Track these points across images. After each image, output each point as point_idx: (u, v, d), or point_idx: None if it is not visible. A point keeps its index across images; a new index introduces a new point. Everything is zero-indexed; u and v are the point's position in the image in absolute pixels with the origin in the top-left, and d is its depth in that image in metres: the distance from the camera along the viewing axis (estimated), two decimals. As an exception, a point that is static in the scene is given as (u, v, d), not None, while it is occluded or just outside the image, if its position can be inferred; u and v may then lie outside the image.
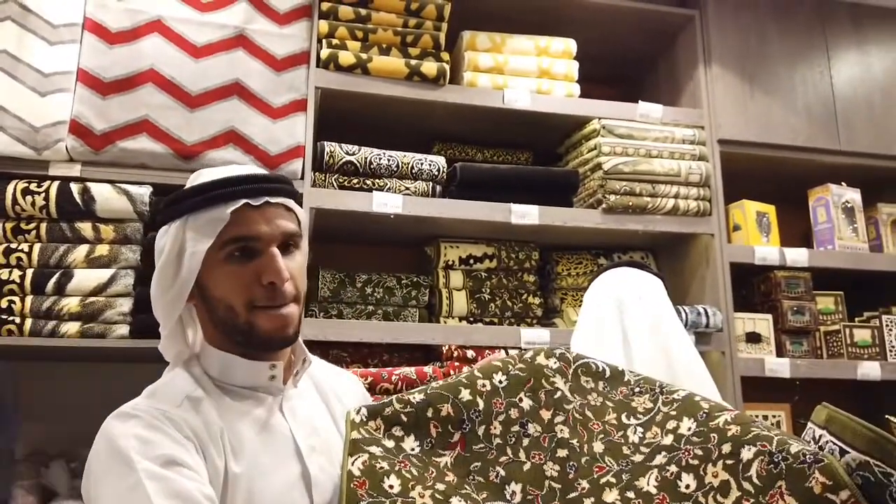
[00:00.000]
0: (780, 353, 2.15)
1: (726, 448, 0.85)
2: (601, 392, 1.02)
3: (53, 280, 1.62)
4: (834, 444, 0.78)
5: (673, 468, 0.88)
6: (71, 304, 1.62)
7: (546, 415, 0.97)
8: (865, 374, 2.13)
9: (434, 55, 1.98)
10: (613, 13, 2.22)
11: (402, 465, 0.89)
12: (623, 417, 0.98)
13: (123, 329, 1.63)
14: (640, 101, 2.15)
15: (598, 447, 0.95)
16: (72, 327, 1.61)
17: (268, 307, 0.95)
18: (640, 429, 0.96)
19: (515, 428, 0.96)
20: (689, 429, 0.91)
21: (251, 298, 0.94)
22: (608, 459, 0.93)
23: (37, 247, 1.65)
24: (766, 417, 2.19)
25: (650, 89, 2.51)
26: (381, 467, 0.88)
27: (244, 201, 0.94)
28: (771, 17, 2.32)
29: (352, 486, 0.85)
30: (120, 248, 1.67)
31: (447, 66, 1.97)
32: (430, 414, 0.95)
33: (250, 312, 0.94)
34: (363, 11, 1.95)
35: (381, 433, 0.94)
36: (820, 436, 0.80)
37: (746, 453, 0.83)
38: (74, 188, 1.66)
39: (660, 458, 0.90)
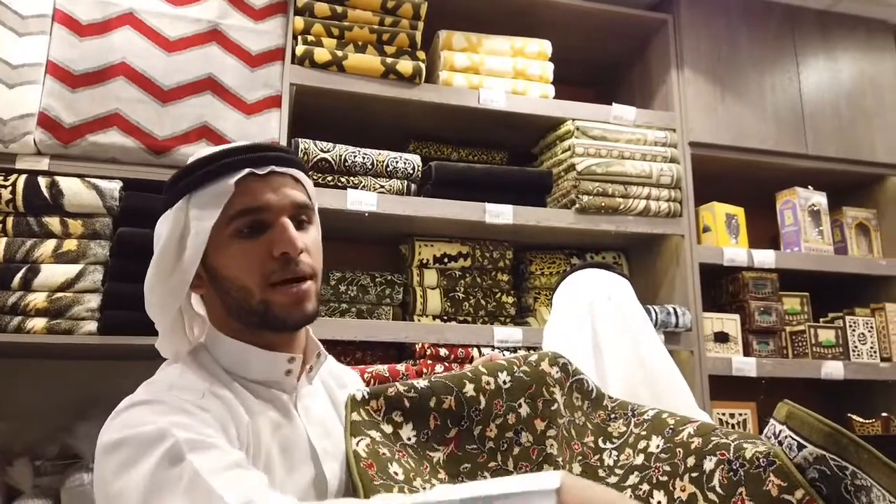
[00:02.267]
0: (747, 352, 2.20)
1: (691, 461, 0.86)
2: (585, 412, 1.02)
3: (20, 275, 1.59)
4: (793, 438, 0.80)
5: (645, 487, 0.89)
6: (37, 299, 1.59)
7: (540, 425, 0.96)
8: (829, 373, 2.18)
9: (410, 54, 1.99)
10: (588, 16, 2.25)
11: (400, 454, 0.87)
12: (600, 441, 0.98)
13: (91, 325, 1.61)
14: (613, 104, 2.18)
15: (576, 468, 0.95)
16: (38, 323, 1.58)
17: (284, 283, 0.87)
18: (614, 452, 0.96)
19: (509, 434, 0.94)
20: (658, 446, 0.92)
21: (265, 274, 0.87)
22: None
23: (2, 241, 1.61)
24: (732, 415, 2.23)
25: (624, 92, 2.54)
26: (384, 453, 0.85)
27: (248, 170, 0.88)
28: (742, 23, 2.36)
29: (362, 465, 0.82)
30: (88, 244, 1.64)
31: (423, 65, 1.98)
32: (432, 404, 0.92)
33: (265, 291, 0.87)
34: (339, 9, 1.95)
35: (380, 416, 0.90)
36: (780, 431, 0.82)
37: (708, 464, 0.84)
38: (42, 182, 1.63)
39: (633, 479, 0.91)
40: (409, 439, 0.91)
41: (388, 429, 0.90)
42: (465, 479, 0.90)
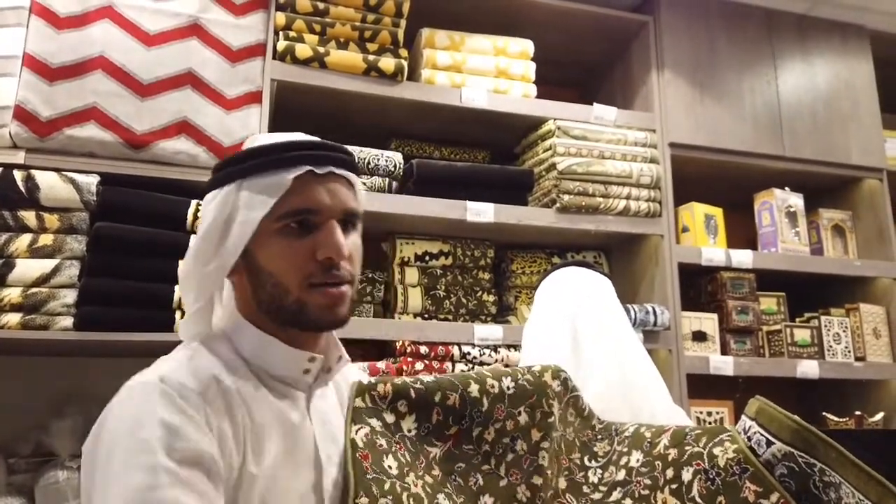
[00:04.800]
0: (725, 351, 2.22)
1: (669, 473, 0.88)
2: (576, 429, 1.03)
3: (-6, 270, 1.57)
4: (761, 435, 0.81)
5: (628, 501, 0.90)
6: (12, 294, 1.57)
7: (536, 435, 0.96)
8: (805, 372, 2.22)
9: (392, 51, 1.99)
10: (570, 16, 2.26)
11: (398, 446, 0.88)
12: (586, 460, 1.00)
13: (67, 321, 1.59)
14: (594, 104, 2.19)
15: (562, 483, 0.96)
16: (12, 318, 1.56)
17: (322, 285, 0.87)
18: (599, 470, 0.97)
19: (506, 440, 0.95)
20: (638, 460, 0.93)
21: (306, 275, 0.86)
22: (569, 496, 0.95)
23: (-24, 236, 1.59)
24: (710, 414, 2.26)
25: (605, 92, 2.55)
26: (381, 444, 0.86)
27: (309, 168, 0.87)
28: (721, 26, 2.39)
29: (357, 456, 0.83)
30: (65, 238, 1.62)
31: (405, 63, 1.97)
32: (437, 398, 0.93)
33: (302, 291, 0.86)
34: (321, 5, 1.94)
35: (385, 403, 0.90)
36: (749, 427, 0.83)
37: (686, 475, 0.86)
38: (17, 175, 1.61)
39: (616, 494, 0.92)
40: (409, 431, 0.91)
41: (391, 418, 0.90)
42: (457, 479, 0.91)
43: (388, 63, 1.94)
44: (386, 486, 0.82)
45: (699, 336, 2.20)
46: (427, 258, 2.06)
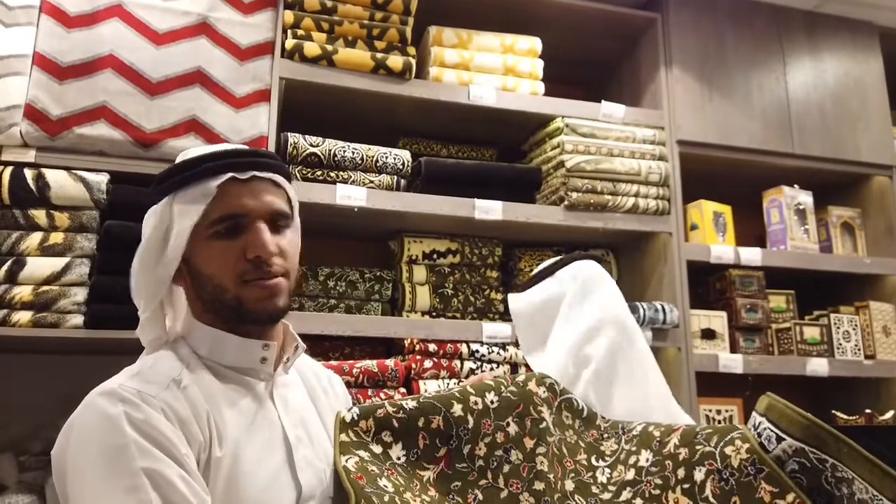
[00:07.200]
0: (734, 349, 2.21)
1: (681, 473, 0.88)
2: (577, 431, 1.04)
3: (5, 268, 1.58)
4: (771, 431, 0.81)
5: (638, 501, 0.90)
6: (23, 292, 1.58)
7: (529, 443, 0.97)
8: (814, 370, 2.21)
9: (400, 49, 1.99)
10: (578, 14, 2.25)
11: (390, 472, 0.89)
12: (593, 460, 1.00)
13: (78, 319, 1.60)
14: (602, 101, 2.18)
15: (569, 485, 0.96)
16: (23, 316, 1.56)
17: (255, 280, 0.94)
18: (607, 470, 0.98)
19: (499, 452, 0.96)
20: (647, 460, 0.94)
21: (239, 273, 0.93)
22: (578, 498, 0.95)
23: (-12, 233, 1.60)
24: (719, 412, 2.25)
25: (613, 90, 2.55)
26: (372, 470, 0.88)
27: (231, 175, 0.94)
28: (729, 23, 2.38)
29: (352, 477, 0.85)
30: (75, 237, 1.63)
31: (413, 61, 1.98)
32: (420, 424, 0.95)
33: (238, 287, 0.93)
34: (329, 3, 1.95)
35: (370, 436, 0.93)
36: (759, 423, 0.83)
37: (699, 475, 0.86)
38: (28, 174, 1.62)
39: (626, 494, 0.93)
40: (398, 458, 0.93)
41: (378, 449, 0.92)
42: (455, 498, 0.92)
43: (395, 61, 1.95)
44: (385, 498, 0.84)
45: (708, 334, 2.19)
46: (435, 256, 2.06)
